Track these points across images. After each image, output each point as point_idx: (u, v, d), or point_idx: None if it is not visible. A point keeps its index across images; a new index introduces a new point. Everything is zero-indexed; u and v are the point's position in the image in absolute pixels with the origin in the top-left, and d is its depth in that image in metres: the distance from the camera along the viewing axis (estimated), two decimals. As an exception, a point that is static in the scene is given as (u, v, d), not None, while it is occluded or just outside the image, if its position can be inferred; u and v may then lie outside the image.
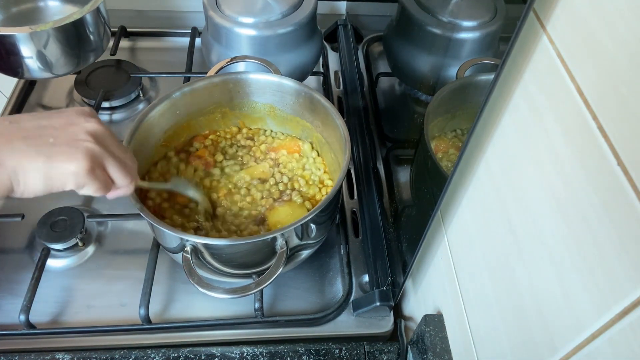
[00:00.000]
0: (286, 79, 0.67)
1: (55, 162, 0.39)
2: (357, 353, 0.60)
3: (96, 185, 0.42)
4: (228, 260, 0.56)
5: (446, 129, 0.54)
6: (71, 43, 0.74)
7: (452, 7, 0.58)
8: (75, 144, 0.40)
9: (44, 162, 0.38)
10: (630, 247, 0.26)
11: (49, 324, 0.62)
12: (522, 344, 0.37)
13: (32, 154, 0.38)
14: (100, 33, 0.79)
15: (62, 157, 0.39)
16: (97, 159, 0.41)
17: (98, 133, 0.42)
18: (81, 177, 0.40)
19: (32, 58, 0.71)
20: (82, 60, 0.78)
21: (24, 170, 0.38)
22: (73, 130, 0.41)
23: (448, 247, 0.51)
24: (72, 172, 0.39)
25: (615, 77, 0.27)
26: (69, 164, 0.39)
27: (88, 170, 0.40)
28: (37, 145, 0.38)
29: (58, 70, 0.76)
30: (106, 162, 0.42)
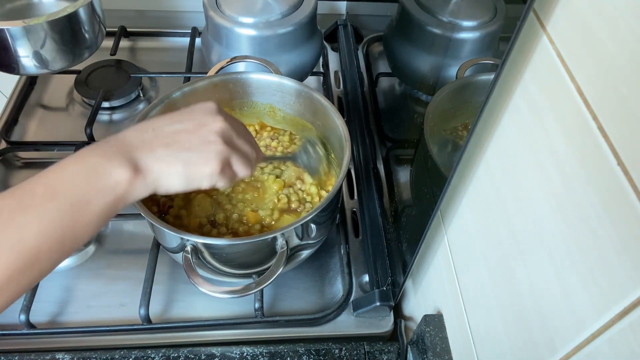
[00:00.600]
0: (286, 79, 0.67)
1: (192, 167, 0.44)
2: (357, 353, 0.60)
3: (224, 181, 0.47)
4: (228, 260, 0.56)
5: (446, 129, 0.54)
6: (65, 38, 0.74)
7: (452, 7, 0.58)
8: (208, 147, 0.45)
9: (183, 167, 0.43)
10: (630, 247, 0.26)
11: (49, 324, 0.62)
12: (522, 344, 0.37)
13: (172, 161, 0.43)
14: (95, 29, 0.79)
15: (197, 161, 0.44)
16: (225, 159, 0.46)
17: (225, 132, 0.46)
18: (214, 177, 0.45)
19: (26, 54, 0.71)
20: (77, 56, 0.77)
21: (167, 175, 0.43)
22: (204, 133, 0.45)
23: (448, 247, 0.51)
24: (207, 174, 0.45)
25: (615, 77, 0.27)
26: (203, 167, 0.44)
27: (219, 171, 0.45)
28: (176, 151, 0.44)
29: (53, 65, 0.75)
30: (232, 159, 0.47)
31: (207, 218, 0.62)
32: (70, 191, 0.38)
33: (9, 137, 0.80)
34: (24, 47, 0.71)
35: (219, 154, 0.45)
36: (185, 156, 0.44)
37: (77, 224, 0.38)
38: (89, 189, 0.39)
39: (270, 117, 0.72)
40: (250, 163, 0.50)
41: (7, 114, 0.83)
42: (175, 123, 0.46)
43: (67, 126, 0.84)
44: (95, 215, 0.39)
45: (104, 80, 0.87)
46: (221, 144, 0.46)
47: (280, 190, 0.65)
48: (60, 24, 0.72)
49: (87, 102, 0.86)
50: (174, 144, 0.44)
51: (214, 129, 0.46)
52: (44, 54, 0.73)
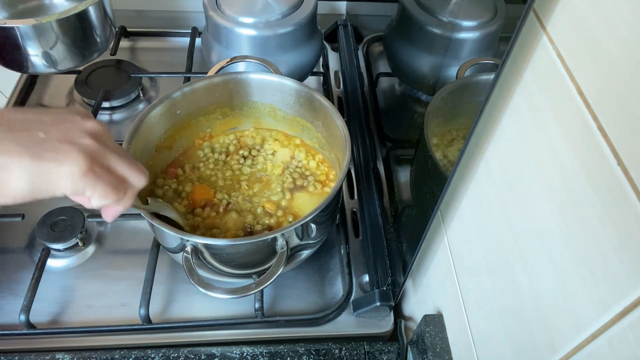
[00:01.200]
0: (286, 79, 0.67)
1: (45, 161, 0.33)
2: (357, 353, 0.60)
3: (101, 187, 0.35)
4: (228, 260, 0.56)
5: (446, 129, 0.54)
6: (76, 37, 0.75)
7: (452, 7, 0.58)
8: (70, 140, 0.34)
9: (31, 159, 0.32)
10: (630, 247, 0.26)
11: (49, 324, 0.62)
12: (522, 343, 0.37)
13: (17, 150, 0.32)
14: (106, 29, 0.79)
15: (54, 156, 0.33)
16: (97, 158, 0.35)
17: (98, 132, 0.37)
18: (77, 180, 0.34)
19: (36, 52, 0.72)
20: (86, 56, 0.78)
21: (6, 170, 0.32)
22: (68, 127, 0.35)
23: (448, 247, 0.51)
24: (65, 173, 0.34)
25: (615, 77, 0.27)
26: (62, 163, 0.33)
27: (86, 170, 0.34)
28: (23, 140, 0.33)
29: (62, 65, 0.76)
30: (111, 159, 0.37)
31: (243, 231, 0.62)
32: None
33: (9, 137, 0.80)
34: (35, 45, 0.71)
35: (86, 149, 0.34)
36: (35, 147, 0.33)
37: None
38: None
39: (270, 117, 0.72)
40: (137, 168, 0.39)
41: (7, 114, 0.83)
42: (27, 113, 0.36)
43: (67, 126, 0.84)
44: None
45: (104, 80, 0.87)
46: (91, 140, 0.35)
47: (283, 173, 0.68)
48: (70, 23, 0.72)
49: (87, 102, 0.86)
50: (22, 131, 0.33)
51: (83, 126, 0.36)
52: (54, 53, 0.74)
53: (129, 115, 0.86)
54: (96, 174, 0.35)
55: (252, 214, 0.63)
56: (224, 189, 0.66)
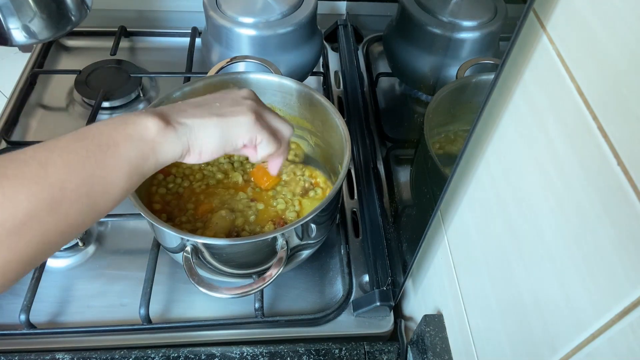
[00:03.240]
0: (286, 79, 0.67)
1: (226, 117, 0.44)
2: (357, 353, 0.60)
3: (265, 134, 0.46)
4: (228, 260, 0.56)
5: (446, 129, 0.54)
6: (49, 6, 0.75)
7: (452, 7, 0.58)
8: (237, 103, 0.45)
9: (218, 119, 0.43)
10: (630, 246, 0.26)
11: (49, 324, 0.62)
12: (522, 343, 0.37)
13: (206, 115, 0.43)
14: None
15: (231, 113, 0.44)
16: (259, 112, 0.46)
17: (252, 97, 0.48)
18: (252, 128, 0.45)
19: (15, 24, 0.72)
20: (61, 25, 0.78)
21: (200, 128, 0.42)
22: (231, 96, 0.47)
23: (448, 247, 0.51)
24: (243, 122, 0.44)
25: (615, 77, 0.27)
26: (238, 117, 0.44)
27: (254, 121, 0.45)
28: (208, 109, 0.44)
29: (42, 35, 0.76)
30: (266, 114, 0.47)
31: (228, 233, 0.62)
32: (98, 135, 0.37)
33: (9, 137, 0.80)
34: (12, 17, 0.72)
35: (251, 106, 0.46)
36: (217, 111, 0.44)
37: (104, 165, 0.36)
38: (117, 133, 0.38)
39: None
40: (286, 121, 0.50)
41: (7, 114, 0.83)
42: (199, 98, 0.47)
43: (67, 126, 0.84)
44: (124, 160, 0.37)
45: (104, 80, 0.87)
46: (250, 101, 0.47)
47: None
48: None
49: (87, 102, 0.86)
50: (203, 105, 0.44)
51: (240, 94, 0.48)
52: (30, 22, 0.74)
53: (129, 115, 0.86)
54: (261, 123, 0.46)
55: (243, 217, 0.63)
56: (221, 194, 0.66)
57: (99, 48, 0.95)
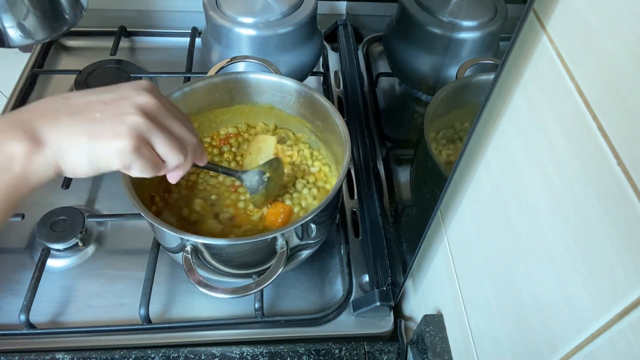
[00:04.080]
0: (286, 79, 0.67)
1: (99, 141, 0.37)
2: (357, 353, 0.60)
3: (142, 164, 0.39)
4: (228, 260, 0.56)
5: (446, 129, 0.54)
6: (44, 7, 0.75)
7: (452, 7, 0.58)
8: (121, 119, 0.38)
9: (88, 140, 0.37)
10: (630, 247, 0.26)
11: (49, 324, 0.62)
12: (522, 343, 0.37)
13: (76, 132, 0.37)
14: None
15: (106, 135, 0.37)
16: (142, 136, 0.39)
17: (149, 106, 0.40)
18: (126, 156, 0.38)
19: (11, 25, 0.72)
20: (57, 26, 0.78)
21: (68, 149, 0.37)
22: (122, 104, 0.39)
23: (448, 247, 0.51)
24: (116, 150, 0.38)
25: (615, 77, 0.27)
26: (113, 141, 0.37)
27: (133, 149, 0.38)
28: (82, 121, 0.37)
29: (37, 35, 0.76)
30: (154, 138, 0.40)
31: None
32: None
33: (9, 137, 0.80)
34: (8, 19, 0.72)
35: (134, 128, 0.38)
36: (91, 127, 0.37)
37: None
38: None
39: (270, 117, 0.72)
40: (182, 148, 0.42)
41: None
42: (92, 94, 0.40)
43: (67, 126, 0.84)
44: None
45: (104, 80, 0.87)
46: (140, 116, 0.38)
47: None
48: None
49: (87, 102, 0.86)
50: (81, 113, 0.38)
51: (136, 101, 0.39)
52: (26, 23, 0.74)
53: (129, 115, 0.86)
54: (140, 152, 0.39)
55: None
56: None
57: (99, 48, 0.95)
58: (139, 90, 0.40)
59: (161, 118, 0.41)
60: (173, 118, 0.42)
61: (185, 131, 0.43)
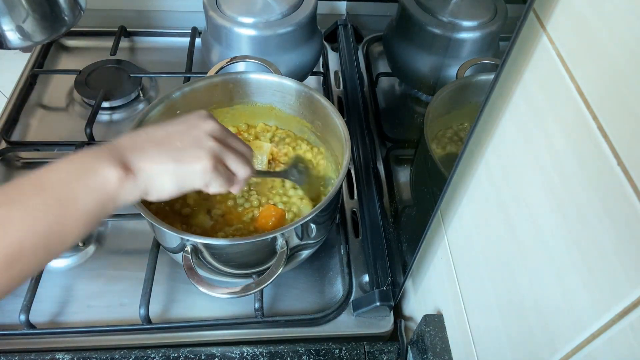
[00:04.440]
0: (286, 79, 0.67)
1: (183, 165, 0.43)
2: (357, 353, 0.60)
3: (220, 180, 0.45)
4: (228, 260, 0.56)
5: (446, 129, 0.54)
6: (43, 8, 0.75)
7: (452, 7, 0.58)
8: (199, 144, 0.44)
9: (174, 165, 0.43)
10: (630, 247, 0.26)
11: (49, 324, 0.62)
12: (522, 343, 0.37)
13: (163, 160, 0.43)
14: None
15: (189, 159, 0.43)
16: (218, 157, 0.45)
17: (216, 132, 0.46)
18: (207, 175, 0.44)
19: (9, 26, 0.72)
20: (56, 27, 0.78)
21: (158, 174, 0.42)
22: (196, 133, 0.45)
23: (448, 247, 0.51)
24: (198, 171, 0.44)
25: (615, 77, 0.27)
26: (195, 164, 0.44)
27: (212, 168, 0.44)
28: (167, 150, 0.43)
29: (35, 37, 0.76)
30: (226, 157, 0.46)
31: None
32: (58, 187, 0.38)
33: (9, 137, 0.80)
34: (6, 20, 0.71)
35: (210, 150, 0.45)
36: (175, 154, 0.43)
37: (63, 220, 0.37)
38: (77, 185, 0.38)
39: (270, 117, 0.72)
40: (248, 162, 0.49)
41: (7, 114, 0.83)
42: (167, 127, 0.46)
43: (67, 126, 0.84)
44: (83, 213, 0.38)
45: (104, 80, 0.87)
46: (213, 141, 0.45)
47: None
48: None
49: (87, 102, 0.86)
50: (165, 144, 0.44)
51: (205, 128, 0.46)
52: (24, 25, 0.74)
53: (129, 115, 0.86)
54: (218, 170, 0.45)
55: None
56: None
57: (99, 48, 0.95)
58: (204, 119, 0.47)
59: (227, 139, 0.47)
60: (234, 138, 0.49)
61: (244, 146, 0.50)
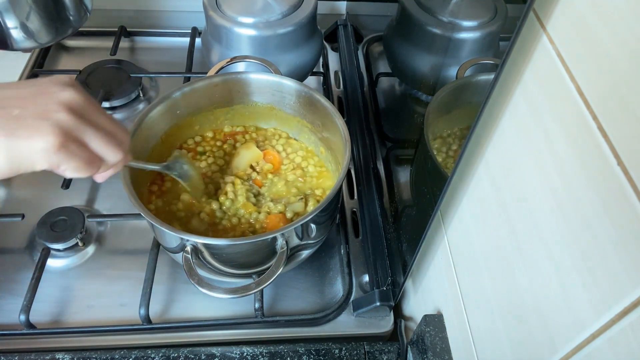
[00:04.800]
0: (286, 79, 0.67)
1: (19, 139, 0.34)
2: (357, 353, 0.60)
3: (74, 163, 0.36)
4: (228, 260, 0.56)
5: (446, 128, 0.54)
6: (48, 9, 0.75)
7: (452, 7, 0.58)
8: (44, 115, 0.35)
9: (6, 138, 0.34)
10: (630, 247, 0.26)
11: (49, 324, 0.62)
12: (522, 344, 0.37)
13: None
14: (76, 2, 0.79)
15: (26, 132, 0.34)
16: (71, 133, 0.36)
17: (75, 103, 0.36)
18: (52, 155, 0.35)
19: (16, 28, 0.72)
20: (62, 28, 0.78)
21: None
22: (43, 100, 0.36)
23: (448, 247, 0.51)
24: (40, 148, 0.34)
25: (615, 77, 0.27)
26: (35, 140, 0.34)
27: (59, 146, 0.35)
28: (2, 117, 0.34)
29: (40, 38, 0.76)
30: (85, 135, 0.37)
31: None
32: None
33: (9, 137, 0.80)
34: (13, 20, 0.72)
35: (59, 123, 0.35)
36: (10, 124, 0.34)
37: None
38: None
39: (270, 117, 0.72)
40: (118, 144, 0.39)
41: (7, 114, 0.83)
42: (7, 88, 0.37)
43: (67, 126, 0.84)
44: None
45: (104, 80, 0.87)
46: (65, 113, 0.35)
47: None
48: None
49: (87, 102, 0.86)
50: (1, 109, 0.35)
51: (59, 97, 0.36)
52: (30, 26, 0.74)
53: (129, 115, 0.86)
54: (69, 150, 0.35)
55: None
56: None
57: (99, 48, 0.95)
58: (63, 86, 0.37)
59: (90, 114, 0.38)
60: (102, 114, 0.39)
61: (118, 127, 0.40)
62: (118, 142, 0.40)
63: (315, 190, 0.67)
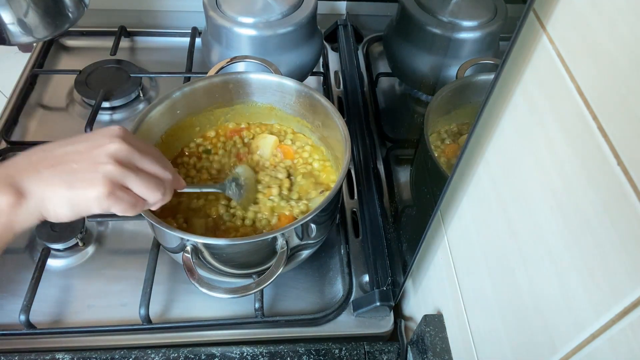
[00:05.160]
0: (286, 79, 0.67)
1: (76, 190, 0.41)
2: (357, 353, 0.60)
3: (121, 206, 0.43)
4: (228, 260, 0.56)
5: (446, 129, 0.54)
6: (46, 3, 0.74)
7: (452, 7, 0.58)
8: (95, 168, 0.41)
9: (67, 190, 0.40)
10: (630, 247, 0.26)
11: (49, 324, 0.62)
12: (522, 344, 0.37)
13: (56, 183, 0.40)
14: None
15: (82, 184, 0.41)
16: (117, 182, 0.42)
17: (120, 153, 0.43)
18: (103, 202, 0.42)
19: (12, 22, 0.72)
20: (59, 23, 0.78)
21: (49, 199, 0.40)
22: (96, 153, 0.42)
23: (448, 247, 0.51)
24: (93, 197, 0.41)
25: (615, 77, 0.27)
26: (89, 190, 0.41)
27: (107, 194, 0.41)
28: (61, 172, 0.41)
29: (37, 33, 0.76)
30: (129, 181, 0.43)
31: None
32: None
33: (9, 137, 0.80)
34: (10, 15, 0.71)
35: (107, 176, 0.41)
36: (69, 178, 0.41)
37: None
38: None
39: (270, 117, 0.72)
40: (160, 185, 0.46)
41: (7, 114, 0.83)
42: (68, 145, 0.43)
43: (67, 126, 0.84)
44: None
45: (104, 80, 0.87)
46: (112, 164, 0.42)
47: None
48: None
49: (87, 102, 0.86)
50: (60, 164, 0.41)
51: (107, 150, 0.43)
52: (27, 20, 0.73)
53: (129, 115, 0.86)
54: (116, 196, 0.42)
55: None
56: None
57: (99, 48, 0.95)
58: (111, 138, 0.43)
59: (134, 161, 0.44)
60: (146, 159, 0.45)
61: (159, 168, 0.46)
62: (157, 183, 0.46)
63: (331, 184, 0.67)
